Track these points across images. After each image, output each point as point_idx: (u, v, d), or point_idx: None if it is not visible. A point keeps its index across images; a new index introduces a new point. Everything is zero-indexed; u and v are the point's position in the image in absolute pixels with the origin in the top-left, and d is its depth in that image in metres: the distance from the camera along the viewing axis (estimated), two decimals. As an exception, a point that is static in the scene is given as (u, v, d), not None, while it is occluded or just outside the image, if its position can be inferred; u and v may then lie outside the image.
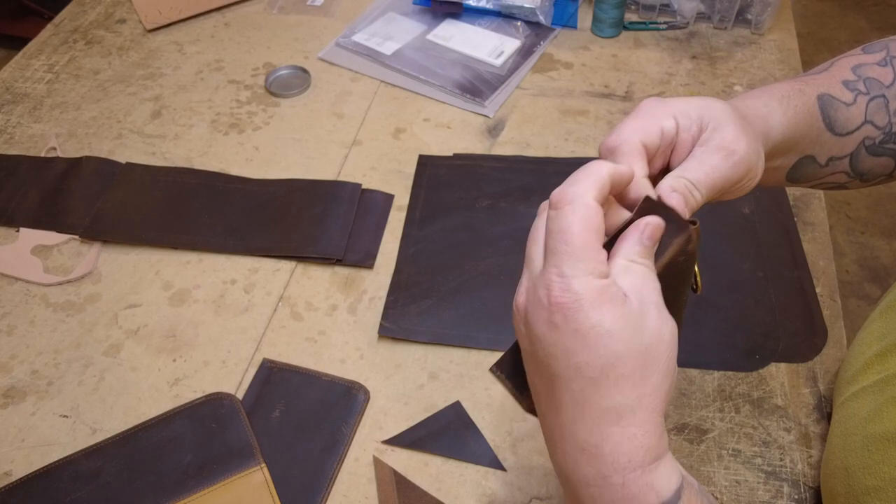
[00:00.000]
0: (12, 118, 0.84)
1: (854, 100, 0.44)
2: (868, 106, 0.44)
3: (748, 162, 0.36)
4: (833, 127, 0.43)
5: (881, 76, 0.45)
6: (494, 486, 0.53)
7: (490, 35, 0.92)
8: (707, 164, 0.35)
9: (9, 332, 0.64)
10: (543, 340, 0.30)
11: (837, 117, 0.43)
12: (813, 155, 0.44)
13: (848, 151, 0.44)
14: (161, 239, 0.70)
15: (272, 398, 0.58)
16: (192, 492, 0.52)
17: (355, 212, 0.71)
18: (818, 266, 0.66)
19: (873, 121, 0.44)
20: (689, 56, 0.90)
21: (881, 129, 0.44)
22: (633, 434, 0.30)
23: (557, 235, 0.30)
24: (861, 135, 0.44)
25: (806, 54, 0.91)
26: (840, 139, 0.44)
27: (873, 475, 0.41)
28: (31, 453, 0.56)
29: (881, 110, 0.44)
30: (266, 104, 0.85)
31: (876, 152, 0.44)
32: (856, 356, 0.50)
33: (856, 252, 1.61)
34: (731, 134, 0.36)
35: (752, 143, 0.37)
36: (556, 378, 0.31)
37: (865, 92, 0.44)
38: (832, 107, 0.43)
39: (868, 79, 0.44)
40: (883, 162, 0.45)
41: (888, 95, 0.44)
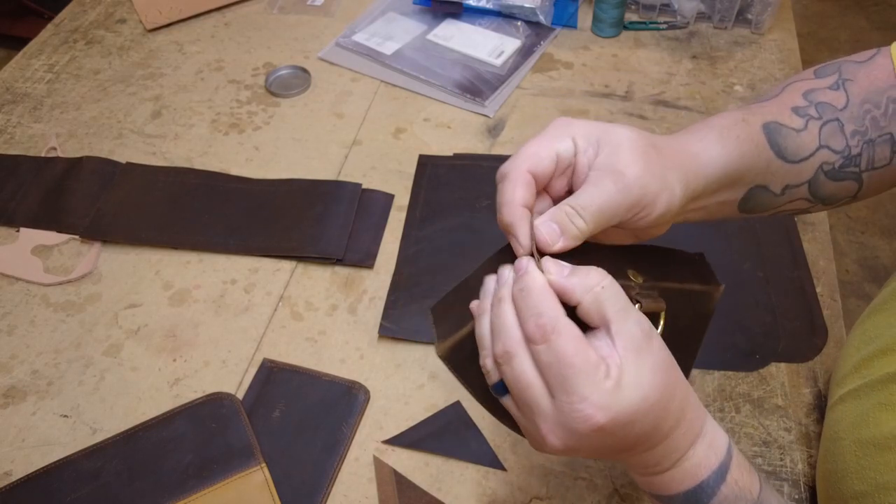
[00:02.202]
0: (12, 118, 0.84)
1: (805, 125, 0.42)
2: (821, 131, 0.42)
3: (640, 188, 0.34)
4: (784, 154, 0.41)
5: (833, 100, 0.43)
6: (495, 486, 0.53)
7: (490, 35, 0.92)
8: (595, 188, 0.34)
9: (9, 332, 0.64)
10: (601, 450, 0.33)
11: (787, 144, 0.42)
12: (765, 185, 0.42)
13: (805, 178, 0.42)
14: (161, 239, 0.70)
15: (272, 398, 0.58)
16: (193, 492, 0.52)
17: (355, 212, 0.71)
18: (818, 266, 0.66)
19: (829, 145, 0.42)
20: (689, 56, 0.90)
21: (839, 154, 0.42)
22: (684, 433, 0.34)
23: (557, 366, 0.30)
24: (817, 160, 0.42)
25: (806, 54, 0.91)
26: (794, 166, 0.42)
27: (861, 480, 0.41)
28: (32, 453, 0.56)
29: (836, 134, 0.42)
30: (266, 104, 0.85)
31: (836, 177, 0.43)
32: (845, 359, 0.50)
33: (856, 252, 1.61)
34: (625, 158, 0.35)
35: (651, 171, 0.35)
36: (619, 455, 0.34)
37: (818, 117, 0.42)
38: (780, 134, 0.41)
39: (820, 104, 0.43)
40: (846, 186, 0.43)
41: (842, 119, 0.42)
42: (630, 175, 0.34)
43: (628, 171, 0.34)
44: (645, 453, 0.34)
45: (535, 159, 0.35)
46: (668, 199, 0.36)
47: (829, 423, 0.49)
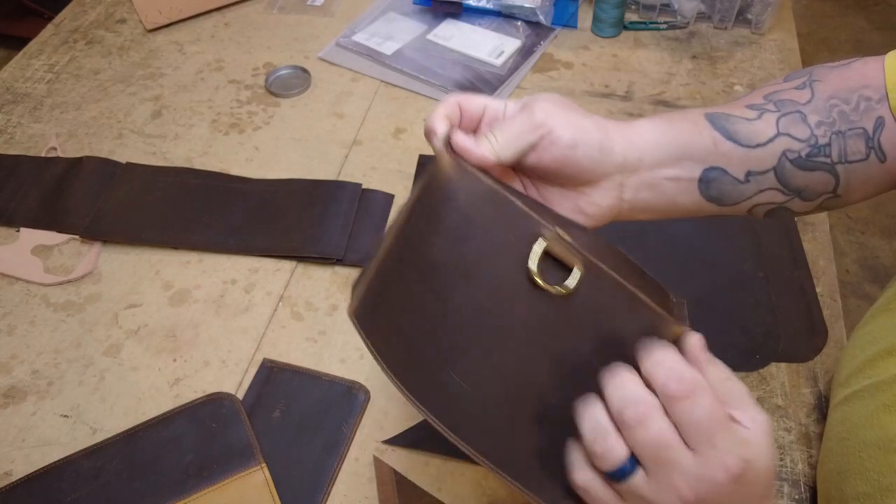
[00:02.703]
0: (13, 118, 0.84)
1: (759, 116, 0.42)
2: (779, 120, 0.42)
3: (543, 112, 0.38)
4: (735, 138, 0.42)
5: (796, 97, 0.43)
6: (495, 486, 0.53)
7: (490, 35, 0.92)
8: (513, 119, 0.39)
9: (9, 332, 0.64)
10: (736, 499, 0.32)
11: (737, 129, 0.42)
12: (721, 167, 0.42)
13: (769, 165, 0.42)
14: (161, 239, 0.70)
15: (272, 398, 0.58)
16: (193, 492, 0.52)
17: (355, 212, 0.71)
18: (818, 266, 0.66)
19: (790, 133, 0.42)
20: (689, 56, 0.90)
21: (804, 142, 0.42)
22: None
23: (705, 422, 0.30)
24: (778, 147, 0.42)
25: (806, 54, 0.91)
26: (750, 151, 0.42)
27: (865, 481, 0.41)
28: (32, 453, 0.56)
29: (798, 123, 0.42)
30: (266, 104, 0.85)
31: (805, 166, 0.42)
32: (848, 359, 0.50)
33: (856, 252, 1.61)
34: (537, 102, 0.39)
35: (558, 111, 0.38)
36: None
37: (774, 110, 0.43)
38: (727, 121, 0.42)
39: (779, 101, 0.43)
40: (819, 178, 0.42)
41: (804, 111, 0.42)
42: (536, 108, 0.38)
43: (535, 106, 0.39)
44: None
45: (466, 97, 0.40)
46: (574, 130, 0.38)
47: (833, 424, 0.49)
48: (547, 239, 0.33)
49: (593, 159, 0.39)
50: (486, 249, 0.34)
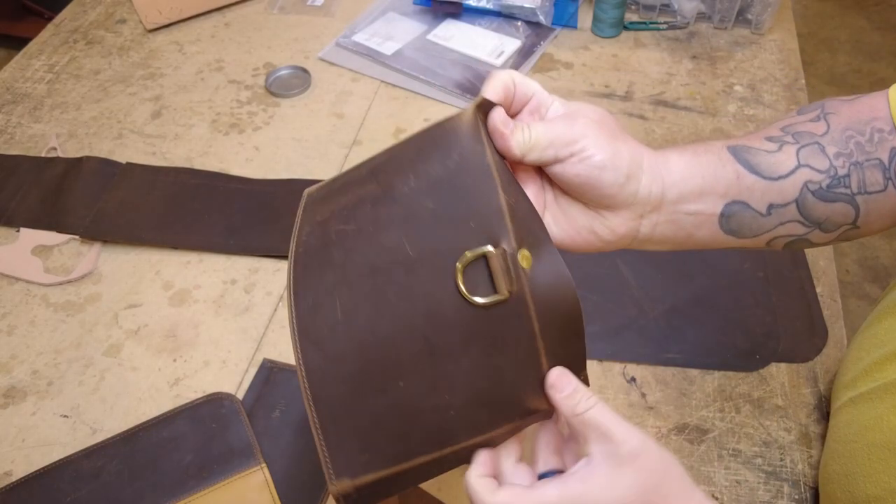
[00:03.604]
0: (13, 118, 0.84)
1: (779, 148, 0.42)
2: (799, 152, 0.42)
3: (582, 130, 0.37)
4: (757, 170, 0.41)
5: (813, 129, 0.43)
6: (495, 486, 0.53)
7: (490, 35, 0.92)
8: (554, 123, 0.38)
9: (9, 332, 0.64)
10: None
11: (759, 161, 0.42)
12: (744, 201, 0.41)
13: (791, 198, 0.42)
14: (161, 239, 0.70)
15: (272, 398, 0.58)
16: (193, 492, 0.52)
17: (355, 212, 0.71)
18: (818, 266, 0.66)
19: (810, 164, 0.42)
20: (689, 56, 0.90)
21: (824, 173, 0.42)
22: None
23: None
24: (800, 178, 0.41)
25: (806, 54, 0.91)
26: (773, 183, 0.41)
27: (874, 484, 0.41)
28: (32, 453, 0.56)
29: (817, 154, 0.42)
30: (266, 104, 0.85)
31: (826, 198, 0.42)
32: (853, 360, 0.50)
33: (856, 252, 1.61)
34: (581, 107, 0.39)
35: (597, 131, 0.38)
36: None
37: (793, 142, 0.42)
38: (749, 153, 0.42)
39: (797, 133, 0.43)
40: (839, 209, 0.42)
41: (822, 143, 0.42)
42: (579, 120, 0.38)
43: (579, 117, 0.38)
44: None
45: (521, 78, 0.39)
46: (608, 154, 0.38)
47: (838, 426, 0.49)
48: (498, 251, 0.33)
49: (619, 185, 0.38)
50: (445, 217, 0.34)
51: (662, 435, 0.55)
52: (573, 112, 0.39)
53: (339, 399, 0.34)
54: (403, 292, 0.34)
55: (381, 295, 0.34)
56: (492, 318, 0.33)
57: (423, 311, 0.34)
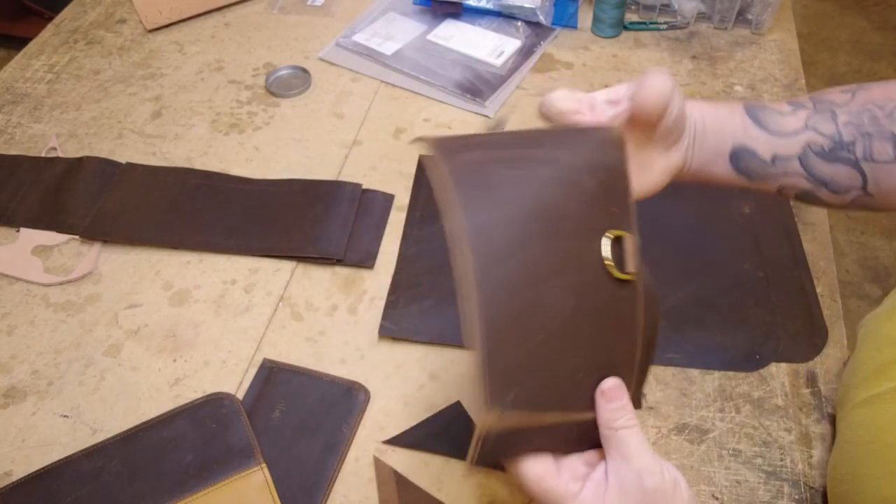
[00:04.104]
0: (13, 118, 0.84)
1: (793, 112, 0.47)
2: (809, 118, 0.47)
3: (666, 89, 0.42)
4: (764, 126, 0.47)
5: (837, 99, 0.47)
6: (495, 486, 0.53)
7: (490, 35, 0.92)
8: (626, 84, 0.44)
9: (9, 332, 0.64)
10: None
11: (768, 119, 0.47)
12: (750, 148, 0.47)
13: (793, 153, 0.46)
14: (161, 239, 0.70)
15: (272, 398, 0.58)
16: (193, 492, 0.52)
17: (356, 212, 0.71)
18: (818, 266, 0.66)
19: (816, 128, 0.46)
20: (689, 56, 0.90)
21: (828, 137, 0.46)
22: None
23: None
24: (803, 138, 0.46)
25: (806, 54, 0.91)
26: (777, 139, 0.47)
27: (891, 485, 0.41)
28: (32, 453, 0.56)
29: (827, 121, 0.46)
30: (266, 104, 0.85)
31: (828, 158, 0.46)
32: (864, 360, 0.50)
33: (856, 252, 1.61)
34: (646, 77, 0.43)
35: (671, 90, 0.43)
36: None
37: (810, 109, 0.47)
38: (761, 112, 0.47)
39: (820, 101, 0.47)
40: (843, 172, 0.46)
41: (837, 111, 0.46)
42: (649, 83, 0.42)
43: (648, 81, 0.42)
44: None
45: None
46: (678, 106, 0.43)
47: (851, 426, 0.48)
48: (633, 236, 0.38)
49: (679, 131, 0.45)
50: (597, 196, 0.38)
51: (663, 435, 0.55)
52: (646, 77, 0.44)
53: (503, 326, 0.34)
54: (560, 244, 0.36)
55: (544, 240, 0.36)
56: (617, 295, 0.36)
57: (575, 268, 0.36)
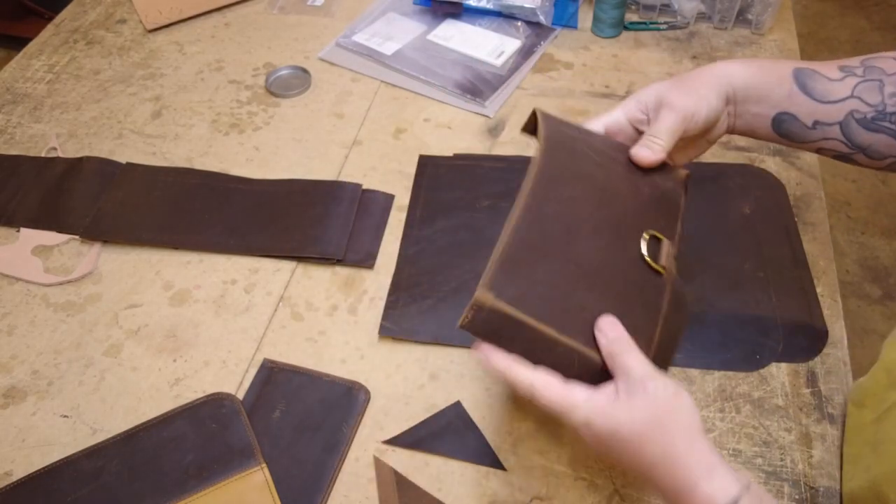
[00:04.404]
0: (13, 118, 0.84)
1: (841, 78, 0.49)
2: (857, 86, 0.48)
3: (684, 107, 0.49)
4: (810, 92, 0.49)
5: (887, 66, 0.49)
6: (495, 486, 0.53)
7: (490, 35, 0.92)
8: (659, 120, 0.50)
9: (9, 333, 0.64)
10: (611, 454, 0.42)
11: (815, 86, 0.49)
12: (793, 113, 0.50)
13: (835, 119, 0.49)
14: (161, 239, 0.70)
15: (273, 398, 0.58)
16: (193, 492, 0.52)
17: (356, 212, 0.71)
18: (819, 266, 0.66)
19: (862, 97, 0.48)
20: (689, 56, 0.90)
21: (872, 106, 0.48)
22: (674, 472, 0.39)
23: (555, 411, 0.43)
24: (847, 106, 0.48)
25: (806, 54, 0.91)
26: (820, 105, 0.49)
27: None
28: (32, 453, 0.56)
29: (874, 91, 0.48)
30: (266, 104, 0.85)
31: (870, 127, 0.48)
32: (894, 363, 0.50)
33: (856, 252, 1.61)
34: (668, 96, 0.50)
35: (687, 94, 0.49)
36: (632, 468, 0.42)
37: (861, 76, 0.49)
38: (811, 78, 0.49)
39: (871, 67, 0.49)
40: (883, 140, 0.48)
41: (886, 81, 0.48)
42: (676, 103, 0.49)
43: (674, 102, 0.49)
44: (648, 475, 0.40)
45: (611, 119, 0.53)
46: (707, 106, 0.49)
47: (888, 428, 0.49)
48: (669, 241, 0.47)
49: (716, 116, 0.51)
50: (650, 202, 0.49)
51: (663, 435, 0.55)
52: (661, 103, 0.50)
53: (530, 238, 0.43)
54: (609, 216, 0.46)
55: (596, 206, 0.46)
56: (646, 278, 0.45)
57: (615, 239, 0.45)
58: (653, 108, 0.51)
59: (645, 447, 0.39)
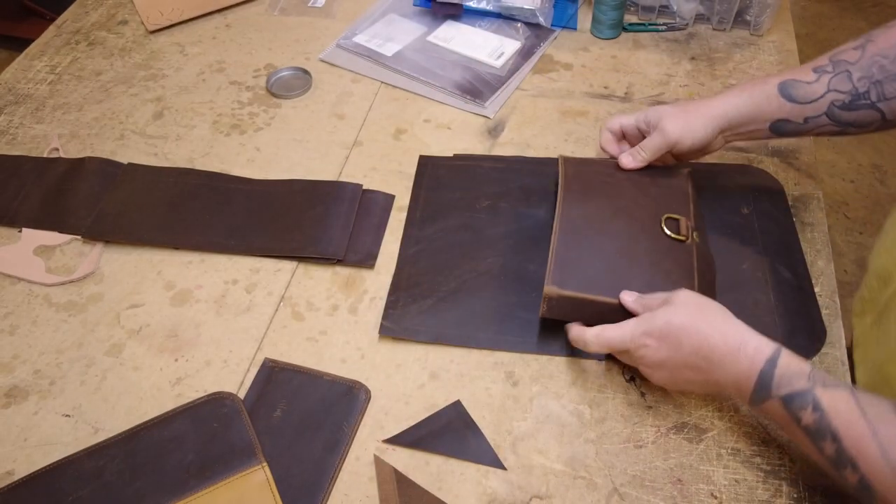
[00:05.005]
0: (15, 119, 0.84)
1: (817, 79, 0.59)
2: (831, 80, 0.59)
3: (673, 134, 0.62)
4: (795, 99, 0.60)
5: (850, 57, 0.59)
6: (495, 485, 0.53)
7: (490, 36, 0.92)
8: (651, 138, 0.64)
9: (11, 332, 0.64)
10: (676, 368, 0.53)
11: (798, 92, 0.60)
12: (785, 118, 0.61)
13: (821, 112, 0.59)
14: (163, 239, 0.70)
15: (273, 398, 0.58)
16: (194, 491, 0.53)
17: (356, 212, 0.71)
18: (817, 266, 0.66)
19: (837, 88, 0.58)
20: (688, 57, 0.90)
21: (846, 93, 0.58)
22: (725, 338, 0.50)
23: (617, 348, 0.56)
24: (827, 99, 0.59)
25: (805, 55, 0.91)
26: (806, 105, 0.59)
27: None
28: (34, 453, 0.56)
29: (844, 81, 0.58)
30: (267, 105, 0.85)
31: (850, 108, 0.59)
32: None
33: (854, 252, 1.61)
34: (664, 123, 0.62)
35: (679, 125, 0.62)
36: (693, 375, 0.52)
37: (832, 71, 0.59)
38: (793, 87, 0.60)
39: (838, 62, 0.59)
40: (864, 114, 0.59)
41: (851, 70, 0.58)
42: (666, 129, 0.62)
43: (665, 128, 0.62)
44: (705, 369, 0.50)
45: (610, 124, 0.67)
46: (692, 138, 0.62)
47: (886, 321, 0.59)
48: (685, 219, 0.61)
49: (700, 145, 0.63)
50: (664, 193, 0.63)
51: (662, 434, 0.56)
52: (661, 128, 0.62)
53: (572, 243, 0.59)
54: (627, 209, 0.61)
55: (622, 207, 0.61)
56: (672, 246, 0.59)
57: (636, 223, 0.60)
58: (654, 124, 0.63)
59: (697, 326, 0.49)
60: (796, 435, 0.47)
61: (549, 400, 0.58)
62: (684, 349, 0.50)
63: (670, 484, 0.53)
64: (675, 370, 0.51)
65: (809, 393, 0.45)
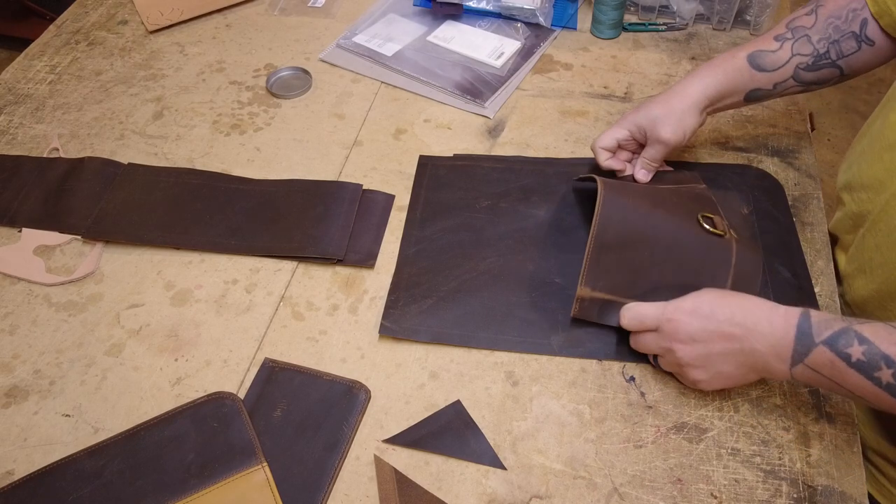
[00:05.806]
0: (14, 119, 0.84)
1: (780, 46, 0.65)
2: (793, 46, 0.64)
3: (673, 139, 0.65)
4: (764, 68, 0.65)
5: (805, 22, 0.65)
6: (495, 485, 0.53)
7: (490, 36, 0.92)
8: (654, 150, 0.68)
9: (11, 332, 0.64)
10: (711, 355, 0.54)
11: (765, 61, 0.65)
12: (757, 87, 0.66)
13: (788, 76, 0.65)
14: (163, 239, 0.70)
15: (273, 397, 0.58)
16: (194, 491, 0.53)
17: (356, 212, 0.72)
18: (817, 266, 0.66)
19: (800, 52, 0.64)
20: (688, 57, 0.90)
21: (809, 55, 0.64)
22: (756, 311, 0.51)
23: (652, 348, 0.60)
24: (792, 64, 0.65)
25: (805, 55, 0.91)
26: (775, 73, 0.65)
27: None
28: (34, 452, 0.56)
29: (805, 44, 0.64)
30: (267, 105, 0.85)
31: (812, 68, 0.65)
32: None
33: (855, 253, 1.61)
34: (660, 129, 0.66)
35: (673, 126, 0.65)
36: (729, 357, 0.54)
37: (791, 38, 0.65)
38: (760, 57, 0.65)
39: (796, 28, 0.65)
40: (825, 73, 0.65)
41: (810, 34, 0.64)
42: (665, 137, 0.66)
43: (663, 136, 0.66)
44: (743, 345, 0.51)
45: (606, 140, 0.69)
46: (687, 131, 0.66)
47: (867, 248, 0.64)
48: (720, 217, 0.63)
49: (692, 133, 0.67)
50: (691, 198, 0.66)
51: (661, 434, 0.56)
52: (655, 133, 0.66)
53: (604, 247, 0.60)
54: (662, 211, 0.62)
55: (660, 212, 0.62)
56: (710, 244, 0.60)
57: (678, 227, 0.61)
58: (648, 132, 0.66)
59: (726, 299, 0.52)
60: (847, 379, 0.47)
61: (549, 400, 0.58)
62: (718, 317, 0.51)
63: (670, 484, 0.53)
64: (708, 342, 0.52)
65: (850, 329, 0.47)
